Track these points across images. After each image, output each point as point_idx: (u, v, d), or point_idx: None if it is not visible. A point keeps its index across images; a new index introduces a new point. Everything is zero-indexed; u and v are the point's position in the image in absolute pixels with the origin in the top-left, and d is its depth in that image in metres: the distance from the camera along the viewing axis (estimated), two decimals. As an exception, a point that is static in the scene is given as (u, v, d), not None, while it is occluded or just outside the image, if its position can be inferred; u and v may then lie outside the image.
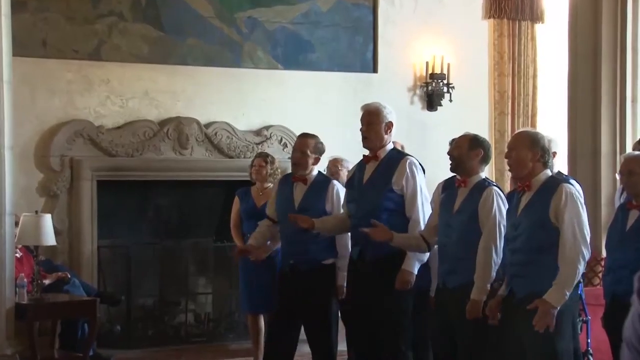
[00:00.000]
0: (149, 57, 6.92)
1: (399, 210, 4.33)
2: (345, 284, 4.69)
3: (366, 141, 4.41)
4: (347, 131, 7.38)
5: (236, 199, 6.02)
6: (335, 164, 5.89)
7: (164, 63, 6.98)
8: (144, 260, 7.02)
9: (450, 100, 7.94)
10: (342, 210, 4.69)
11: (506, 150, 3.93)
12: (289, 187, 4.86)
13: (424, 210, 4.32)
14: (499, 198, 4.01)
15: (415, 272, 4.26)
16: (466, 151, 4.08)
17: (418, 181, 4.32)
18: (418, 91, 7.91)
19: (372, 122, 4.37)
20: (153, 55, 6.93)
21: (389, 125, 4.40)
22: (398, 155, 4.41)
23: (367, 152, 4.54)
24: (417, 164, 4.39)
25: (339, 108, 7.62)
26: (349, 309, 4.53)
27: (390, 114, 4.42)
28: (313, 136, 4.88)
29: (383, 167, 4.36)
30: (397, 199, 4.32)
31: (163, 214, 7.28)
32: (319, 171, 4.92)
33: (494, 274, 3.95)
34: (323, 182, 4.82)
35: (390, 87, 7.76)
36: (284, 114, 7.37)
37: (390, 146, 4.43)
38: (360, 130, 4.43)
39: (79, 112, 6.73)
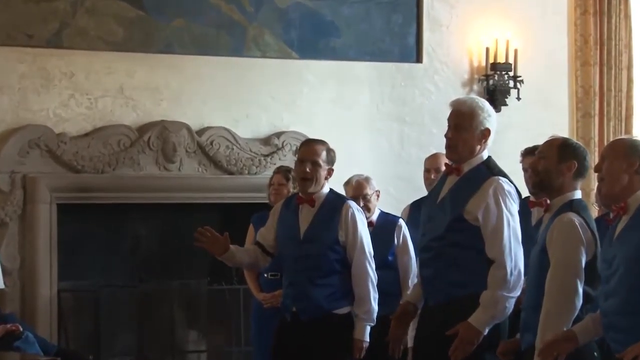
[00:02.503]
0: (124, 43, 6.95)
1: (475, 247, 4.22)
2: (366, 339, 4.75)
3: (450, 150, 4.32)
4: (381, 139, 7.70)
5: (251, 228, 6.09)
6: (361, 187, 5.79)
7: (144, 51, 7.01)
8: (118, 309, 7.04)
9: (519, 98, 7.90)
10: (359, 240, 4.76)
11: (596, 161, 3.93)
12: (292, 212, 4.89)
13: (512, 251, 4.17)
14: (571, 225, 3.90)
15: (485, 331, 4.14)
16: (555, 163, 3.99)
17: (505, 212, 4.17)
18: (476, 86, 7.89)
19: (462, 126, 4.26)
20: (130, 41, 6.96)
21: (485, 133, 4.28)
22: (484, 174, 4.25)
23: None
24: (510, 188, 4.25)
25: (372, 109, 7.67)
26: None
27: (489, 119, 4.30)
28: (322, 142, 4.92)
29: (462, 185, 4.28)
30: (469, 231, 4.22)
31: (143, 247, 7.28)
32: (331, 189, 4.93)
33: (567, 328, 3.85)
34: (335, 202, 4.84)
35: (440, 81, 7.77)
36: (300, 116, 7.39)
37: (481, 159, 4.31)
38: (445, 135, 4.34)
39: (34, 116, 6.75)
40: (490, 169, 4.29)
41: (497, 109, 7.82)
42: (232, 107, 7.24)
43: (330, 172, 4.86)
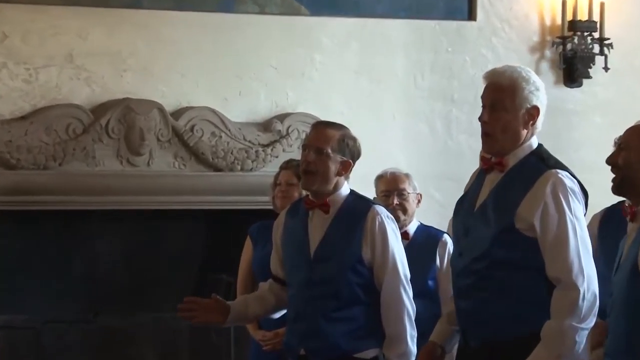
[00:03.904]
0: (75, -6, 6.96)
1: (533, 267, 4.21)
2: None
3: (487, 138, 4.31)
4: (421, 123, 7.69)
5: (247, 244, 6.15)
6: (397, 180, 5.84)
7: (102, 5, 6.98)
8: (68, 352, 7.05)
9: (606, 68, 7.88)
10: (390, 258, 4.73)
11: None
12: (300, 221, 4.87)
13: (583, 267, 4.17)
14: None
15: None
16: (639, 156, 4.01)
17: (569, 216, 4.18)
18: (548, 52, 7.87)
19: (501, 104, 4.27)
20: (82, -8, 6.98)
21: (533, 112, 4.28)
22: (537, 167, 4.27)
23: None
24: (573, 185, 4.25)
25: (408, 83, 7.60)
26: None
27: (537, 94, 4.30)
28: (338, 126, 4.87)
29: (508, 184, 4.29)
30: (523, 245, 4.22)
31: (100, 269, 7.26)
32: (352, 190, 4.85)
33: None
34: (357, 207, 4.80)
35: (499, 45, 7.76)
36: (311, 93, 7.35)
37: (529, 148, 4.31)
38: (480, 118, 4.32)
39: (-47, 92, 6.75)
40: (543, 161, 4.28)
41: (578, 82, 7.87)
42: (220, 81, 7.19)
43: (346, 166, 4.79)
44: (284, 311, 5.10)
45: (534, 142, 4.30)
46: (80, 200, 6.86)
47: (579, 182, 4.25)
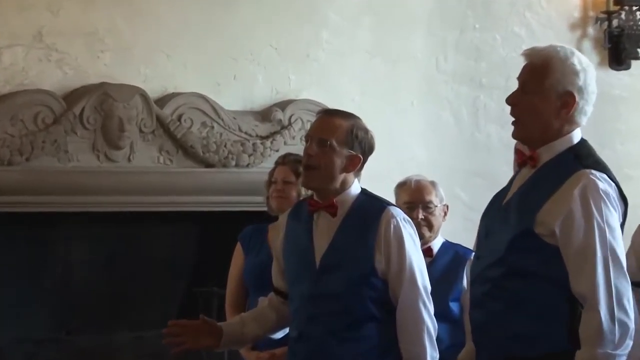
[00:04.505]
0: (43, -35, 6.79)
1: (553, 279, 4.16)
2: None
3: (517, 125, 4.27)
4: (444, 111, 7.77)
5: (238, 250, 6.15)
6: (422, 190, 5.87)
7: None
8: None
9: None
10: (407, 267, 4.68)
11: None
12: (304, 226, 4.81)
13: (613, 284, 4.10)
14: None
15: None
16: None
17: (598, 223, 4.10)
18: (591, 30, 7.98)
19: (529, 85, 4.23)
20: (54, -39, 6.77)
21: (568, 100, 4.19)
22: (570, 165, 4.21)
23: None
24: (607, 188, 4.17)
25: (429, 65, 7.65)
26: None
27: (572, 78, 4.21)
28: (347, 115, 4.78)
29: (535, 183, 4.24)
30: (543, 252, 4.18)
31: (75, 280, 7.29)
32: (363, 189, 4.76)
33: None
34: (369, 209, 4.73)
35: (534, 21, 7.83)
36: (317, 76, 7.37)
37: (568, 142, 4.24)
38: (507, 100, 4.28)
39: None
40: (579, 159, 4.22)
41: (625, 64, 7.98)
42: (212, 63, 7.21)
43: (354, 161, 4.74)
44: (287, 330, 5.05)
45: (575, 136, 4.23)
46: (51, 200, 6.86)
47: (618, 186, 4.18)
